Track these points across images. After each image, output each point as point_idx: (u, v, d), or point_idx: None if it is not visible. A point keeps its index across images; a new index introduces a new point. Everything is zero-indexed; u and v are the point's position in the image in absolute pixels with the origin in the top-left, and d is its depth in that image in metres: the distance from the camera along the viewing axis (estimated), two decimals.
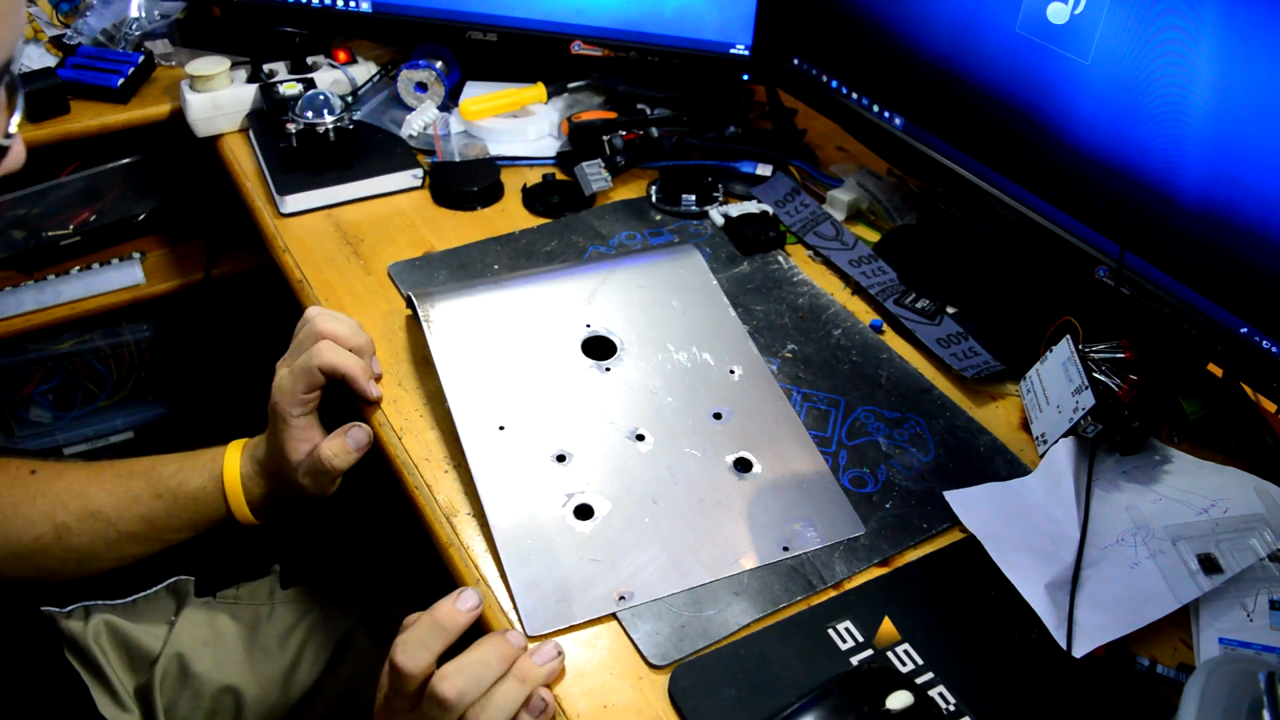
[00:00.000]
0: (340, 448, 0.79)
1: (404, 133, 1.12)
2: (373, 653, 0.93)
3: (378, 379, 0.83)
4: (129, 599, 0.93)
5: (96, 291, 1.36)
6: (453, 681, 0.59)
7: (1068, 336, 0.80)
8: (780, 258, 1.00)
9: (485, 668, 0.60)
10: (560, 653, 0.63)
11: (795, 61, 1.07)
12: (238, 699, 0.88)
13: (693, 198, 1.06)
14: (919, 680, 0.63)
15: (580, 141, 1.10)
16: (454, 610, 0.62)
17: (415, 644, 0.60)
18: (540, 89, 1.15)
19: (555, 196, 1.06)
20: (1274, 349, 0.72)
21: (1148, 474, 0.76)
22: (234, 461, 0.84)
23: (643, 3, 1.10)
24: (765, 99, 1.20)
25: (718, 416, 0.80)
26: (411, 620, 0.63)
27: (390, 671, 0.61)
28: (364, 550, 1.04)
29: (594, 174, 1.05)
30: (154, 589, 0.94)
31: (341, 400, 0.83)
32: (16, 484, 0.83)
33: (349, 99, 1.12)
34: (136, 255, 1.41)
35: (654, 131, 1.11)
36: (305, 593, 0.96)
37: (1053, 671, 0.64)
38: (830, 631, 0.66)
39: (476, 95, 1.14)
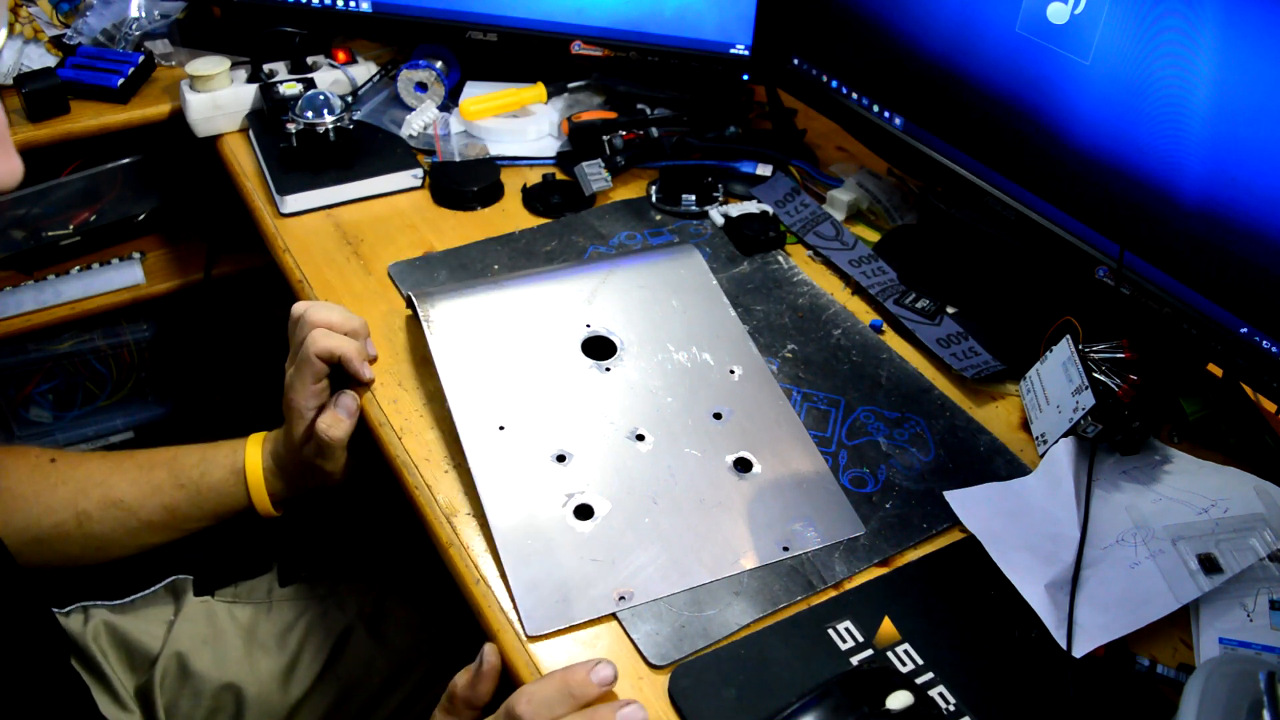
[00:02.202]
0: (333, 418, 0.81)
1: (404, 133, 1.12)
2: (371, 649, 0.93)
3: (373, 360, 0.85)
4: (128, 599, 0.93)
5: (96, 291, 1.36)
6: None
7: (1068, 336, 0.80)
8: (780, 258, 1.00)
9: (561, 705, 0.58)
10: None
11: (795, 61, 1.07)
12: (238, 697, 0.88)
13: (693, 198, 1.06)
14: (919, 680, 0.63)
15: (580, 141, 1.09)
16: (587, 680, 0.59)
17: (542, 701, 0.58)
18: (540, 89, 1.15)
19: (555, 196, 1.06)
20: (1274, 349, 0.72)
21: (1148, 474, 0.76)
22: (255, 455, 0.87)
23: (643, 3, 1.10)
24: (765, 99, 1.20)
25: (718, 416, 0.80)
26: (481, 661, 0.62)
27: (506, 714, 0.58)
28: (362, 547, 1.04)
29: (594, 174, 1.05)
30: (152, 588, 0.94)
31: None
32: (37, 471, 0.84)
33: (349, 99, 1.12)
34: (136, 255, 1.41)
35: (654, 131, 1.11)
36: (304, 590, 0.96)
37: (1053, 671, 0.64)
38: (830, 631, 0.66)
39: (476, 95, 1.14)
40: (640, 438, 0.77)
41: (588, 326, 0.84)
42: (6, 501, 0.82)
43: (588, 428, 0.77)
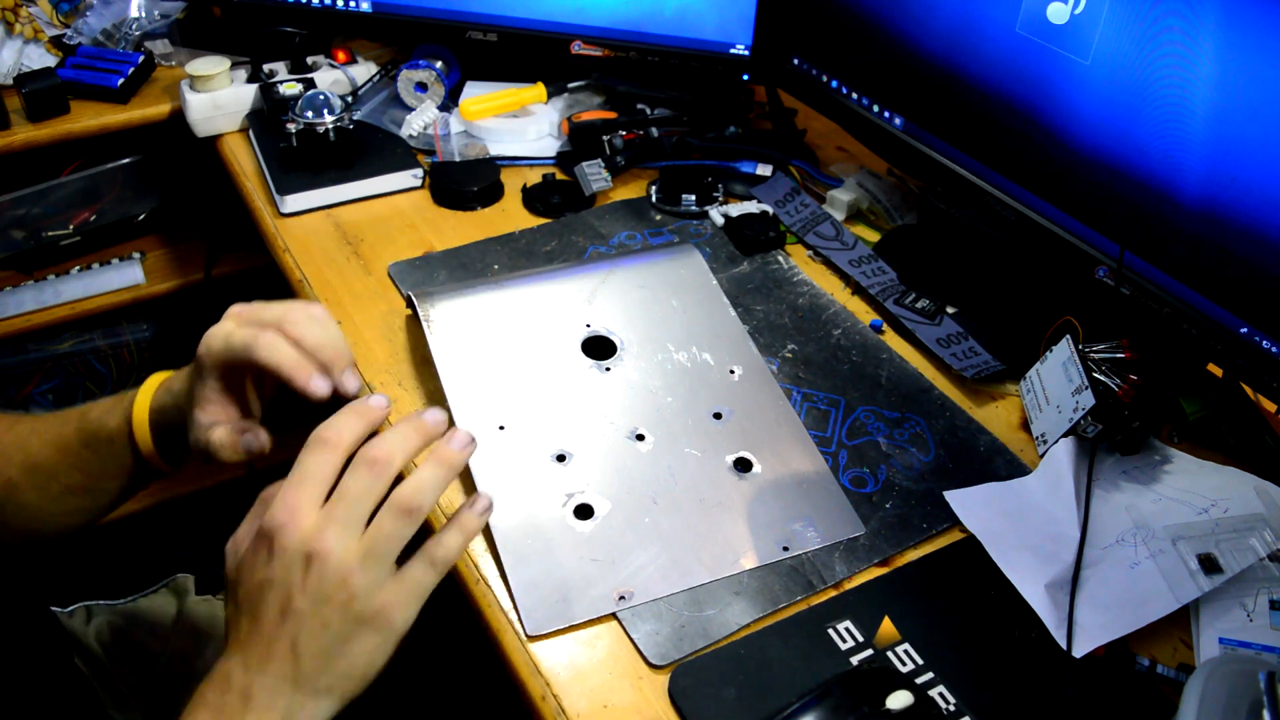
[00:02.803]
0: (229, 442, 0.67)
1: (404, 133, 1.12)
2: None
3: (353, 394, 0.65)
4: (130, 598, 0.93)
5: (96, 291, 1.36)
6: (382, 445, 0.55)
7: (1068, 336, 0.80)
8: (780, 258, 1.00)
9: (408, 440, 0.57)
10: (473, 441, 0.59)
11: (795, 61, 1.07)
12: None
13: (693, 198, 1.06)
14: (919, 680, 0.63)
15: (580, 141, 1.10)
16: (454, 452, 0.58)
17: (429, 487, 0.56)
18: (540, 89, 1.15)
19: (555, 196, 1.06)
20: (1274, 349, 0.72)
21: (1148, 474, 0.76)
22: (147, 393, 0.73)
23: (643, 3, 1.10)
24: (765, 99, 1.20)
25: (718, 416, 0.80)
26: (385, 449, 0.56)
27: (392, 510, 0.55)
28: None
29: (594, 174, 1.05)
30: (154, 588, 0.94)
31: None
32: None
33: (349, 99, 1.12)
34: (136, 255, 1.41)
35: (654, 131, 1.11)
36: None
37: (1053, 671, 0.64)
38: (830, 631, 0.66)
39: (476, 95, 1.14)
40: (640, 438, 0.77)
41: (588, 326, 0.84)
42: None
43: (588, 428, 0.77)
